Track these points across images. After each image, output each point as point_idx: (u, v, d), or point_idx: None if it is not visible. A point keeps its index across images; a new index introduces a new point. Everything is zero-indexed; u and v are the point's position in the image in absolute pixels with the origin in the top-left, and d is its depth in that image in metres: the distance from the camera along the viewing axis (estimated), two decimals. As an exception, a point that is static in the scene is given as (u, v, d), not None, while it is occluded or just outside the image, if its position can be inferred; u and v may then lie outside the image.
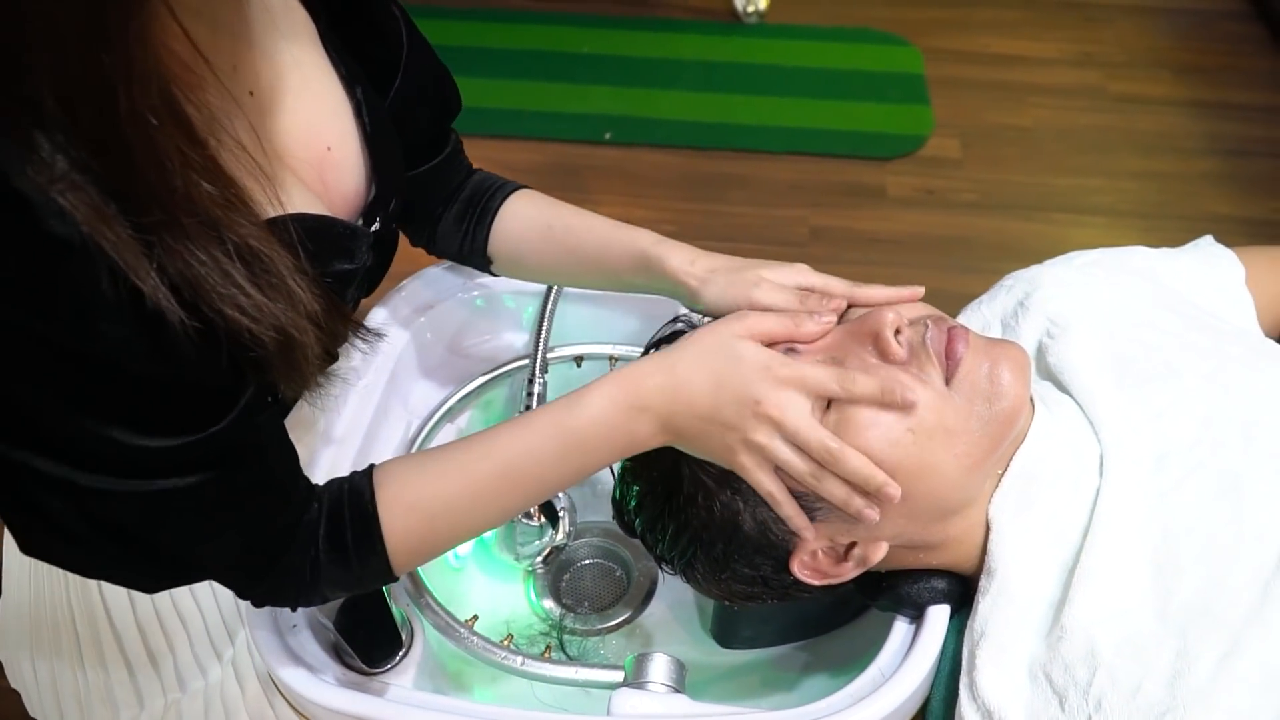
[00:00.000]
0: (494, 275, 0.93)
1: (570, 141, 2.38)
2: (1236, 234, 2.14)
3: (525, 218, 0.89)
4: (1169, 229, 2.19)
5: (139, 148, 0.48)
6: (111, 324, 0.51)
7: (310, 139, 0.70)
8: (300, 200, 0.66)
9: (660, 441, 0.71)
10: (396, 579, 0.70)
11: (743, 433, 0.68)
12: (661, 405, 0.68)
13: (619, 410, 0.68)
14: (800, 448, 0.68)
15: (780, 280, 0.77)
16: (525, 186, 0.91)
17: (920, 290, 0.78)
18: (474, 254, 0.90)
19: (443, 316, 1.00)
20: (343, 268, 0.70)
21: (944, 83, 2.54)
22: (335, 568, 0.67)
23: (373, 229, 0.75)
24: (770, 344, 0.71)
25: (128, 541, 0.60)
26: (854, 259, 2.11)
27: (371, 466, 0.69)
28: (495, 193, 0.89)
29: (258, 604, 0.69)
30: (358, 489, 0.67)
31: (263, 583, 0.66)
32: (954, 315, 0.92)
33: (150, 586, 0.70)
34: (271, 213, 0.60)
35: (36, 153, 0.47)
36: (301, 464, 0.86)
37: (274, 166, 0.66)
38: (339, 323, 0.65)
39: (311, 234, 0.62)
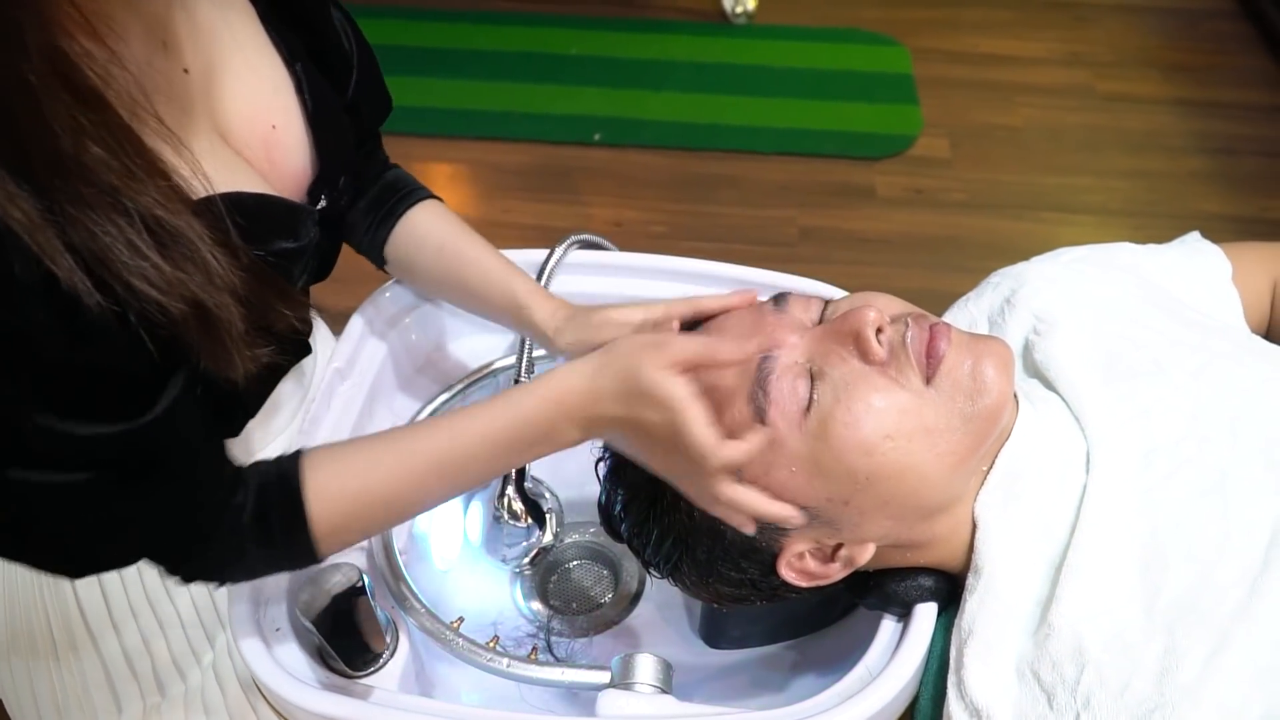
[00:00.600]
0: (388, 275, 0.94)
1: (559, 143, 2.38)
2: (1225, 232, 2.13)
3: (423, 231, 0.89)
4: (1158, 227, 2.18)
5: (21, 110, 0.48)
6: (27, 308, 0.51)
7: (255, 117, 0.70)
8: (244, 179, 0.67)
9: (586, 439, 0.73)
10: (321, 561, 0.71)
11: (650, 459, 0.72)
12: (581, 417, 0.70)
13: (547, 418, 0.69)
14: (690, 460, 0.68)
15: (622, 319, 0.80)
16: (435, 196, 0.92)
17: (754, 293, 0.78)
18: (372, 250, 0.90)
19: (426, 318, 1.00)
20: (285, 245, 0.70)
21: (933, 82, 2.54)
22: (261, 550, 0.68)
23: (319, 206, 0.76)
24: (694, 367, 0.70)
25: (47, 531, 0.60)
26: (843, 259, 2.12)
27: (299, 452, 0.69)
28: (405, 196, 0.90)
29: (185, 581, 0.69)
30: (285, 475, 0.68)
31: (188, 564, 0.67)
32: (941, 313, 0.92)
33: (73, 573, 0.71)
34: (201, 191, 0.59)
35: None
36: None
37: (216, 143, 0.66)
38: (273, 299, 0.65)
39: (248, 212, 0.63)
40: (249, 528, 0.66)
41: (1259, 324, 0.95)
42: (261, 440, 0.86)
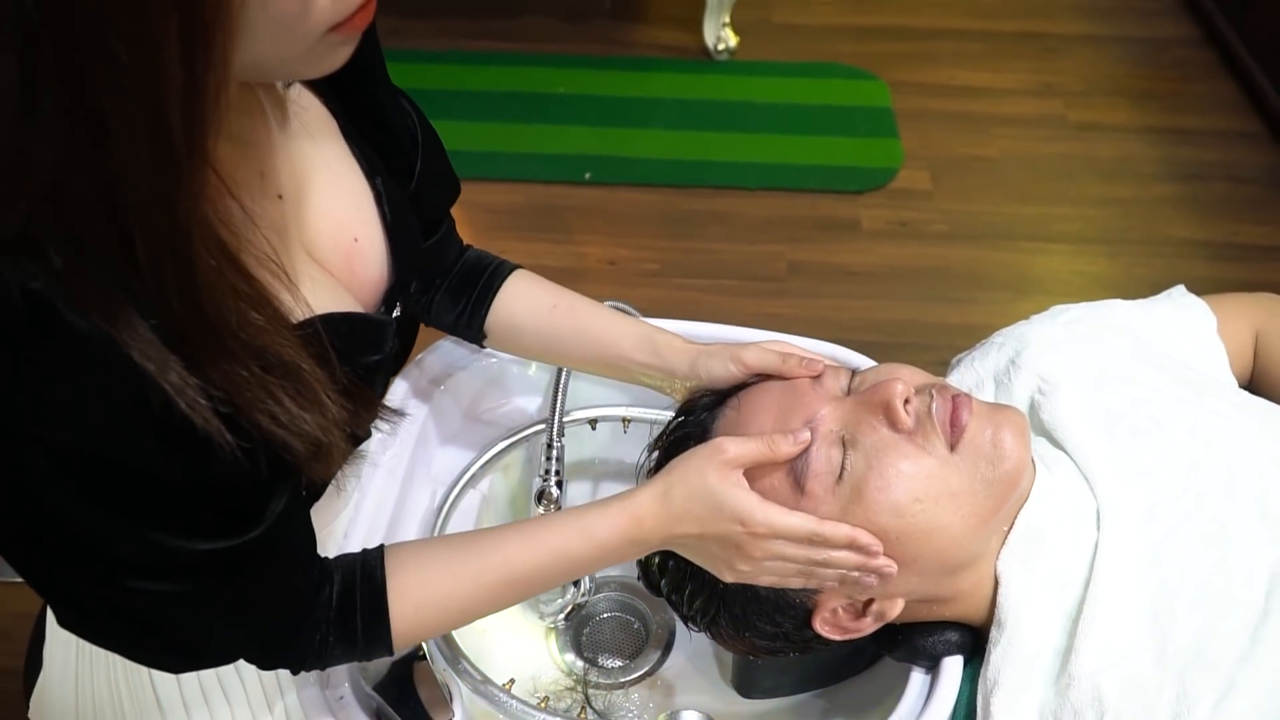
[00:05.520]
0: (483, 348, 0.99)
1: (550, 182, 2.43)
2: (1197, 257, 2.25)
3: (531, 297, 0.94)
4: (1132, 254, 2.28)
5: (204, 289, 0.52)
6: (158, 442, 0.55)
7: (338, 232, 0.73)
8: (327, 293, 0.70)
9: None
10: (393, 655, 0.76)
11: (730, 563, 0.77)
12: (658, 540, 0.77)
13: (621, 543, 0.76)
14: (796, 542, 0.76)
15: (765, 345, 0.88)
16: (520, 266, 0.96)
17: (821, 364, 0.85)
18: (470, 328, 0.95)
19: (459, 386, 1.05)
20: (372, 359, 0.74)
21: (911, 115, 2.62)
22: (340, 646, 0.72)
23: (395, 314, 0.80)
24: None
25: (158, 632, 0.65)
26: (832, 292, 2.18)
27: (383, 548, 0.74)
28: (495, 271, 0.95)
29: (265, 668, 0.74)
30: (370, 574, 0.73)
31: (273, 658, 0.72)
32: (937, 347, 0.97)
33: (173, 668, 0.75)
34: (300, 315, 0.62)
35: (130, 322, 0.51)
36: (335, 534, 0.91)
37: (303, 260, 0.70)
38: (363, 412, 0.69)
39: (341, 332, 0.66)
40: (333, 623, 0.70)
41: (1243, 372, 1.01)
42: (325, 520, 0.89)
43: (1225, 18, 2.76)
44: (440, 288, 0.93)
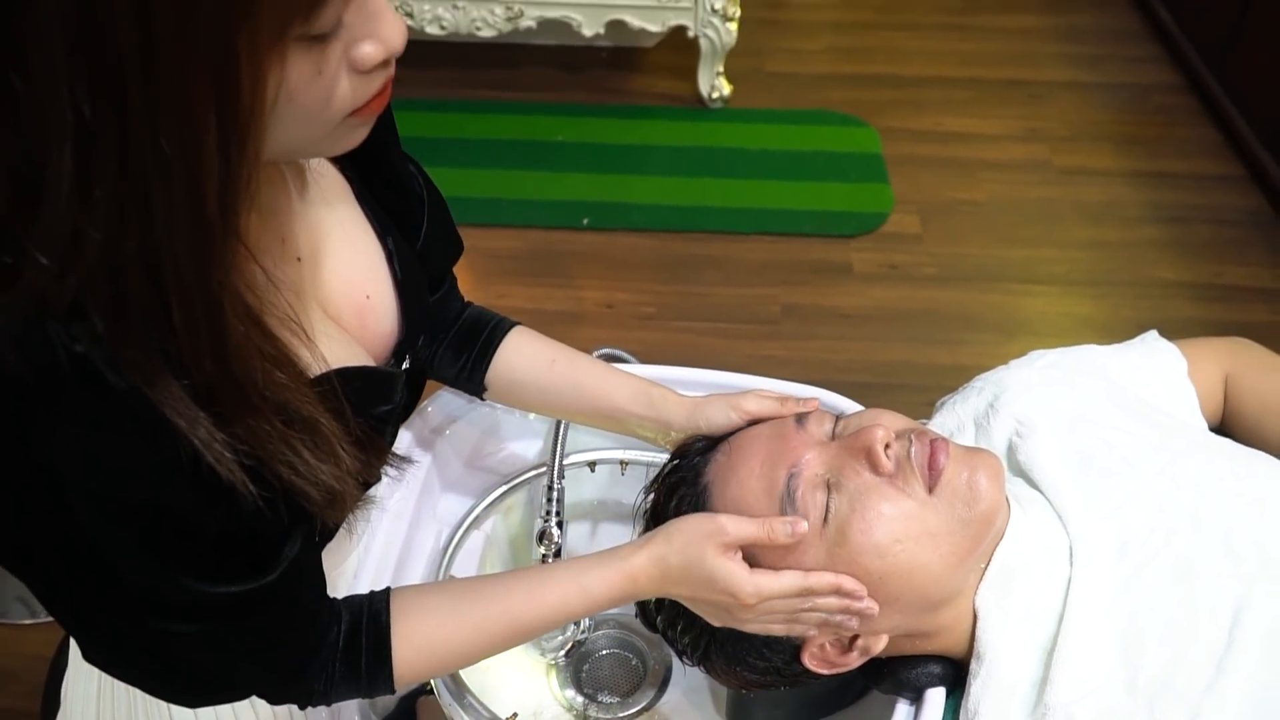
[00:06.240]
0: (484, 400, 1.03)
1: (550, 228, 2.48)
2: (1183, 298, 2.30)
3: (529, 352, 0.99)
4: (1119, 295, 2.33)
5: (234, 351, 0.57)
6: (184, 493, 0.59)
7: (352, 290, 0.78)
8: (342, 348, 0.75)
9: None
10: (395, 694, 0.81)
11: (719, 620, 0.83)
12: (653, 593, 0.83)
13: (617, 597, 0.82)
14: (788, 598, 0.80)
15: (760, 392, 0.93)
16: (519, 323, 1.01)
17: (817, 402, 0.91)
18: (471, 381, 0.99)
19: (461, 433, 1.09)
20: (383, 410, 0.79)
21: (901, 161, 2.68)
22: (345, 684, 0.77)
23: (404, 367, 0.84)
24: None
25: (177, 668, 0.69)
26: (825, 334, 2.23)
27: (389, 591, 0.79)
28: (495, 327, 0.99)
29: (275, 704, 0.78)
30: (376, 617, 0.77)
31: (283, 693, 0.76)
32: (928, 388, 1.01)
33: (191, 703, 0.80)
34: (317, 370, 0.67)
35: (168, 384, 0.55)
36: (345, 574, 0.95)
37: (319, 317, 0.75)
38: (374, 460, 0.74)
39: (354, 385, 0.71)
40: (339, 662, 0.75)
41: (1214, 414, 1.05)
42: (335, 562, 0.94)
43: (1206, 65, 2.83)
44: (442, 342, 0.98)
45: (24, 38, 0.46)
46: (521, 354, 0.98)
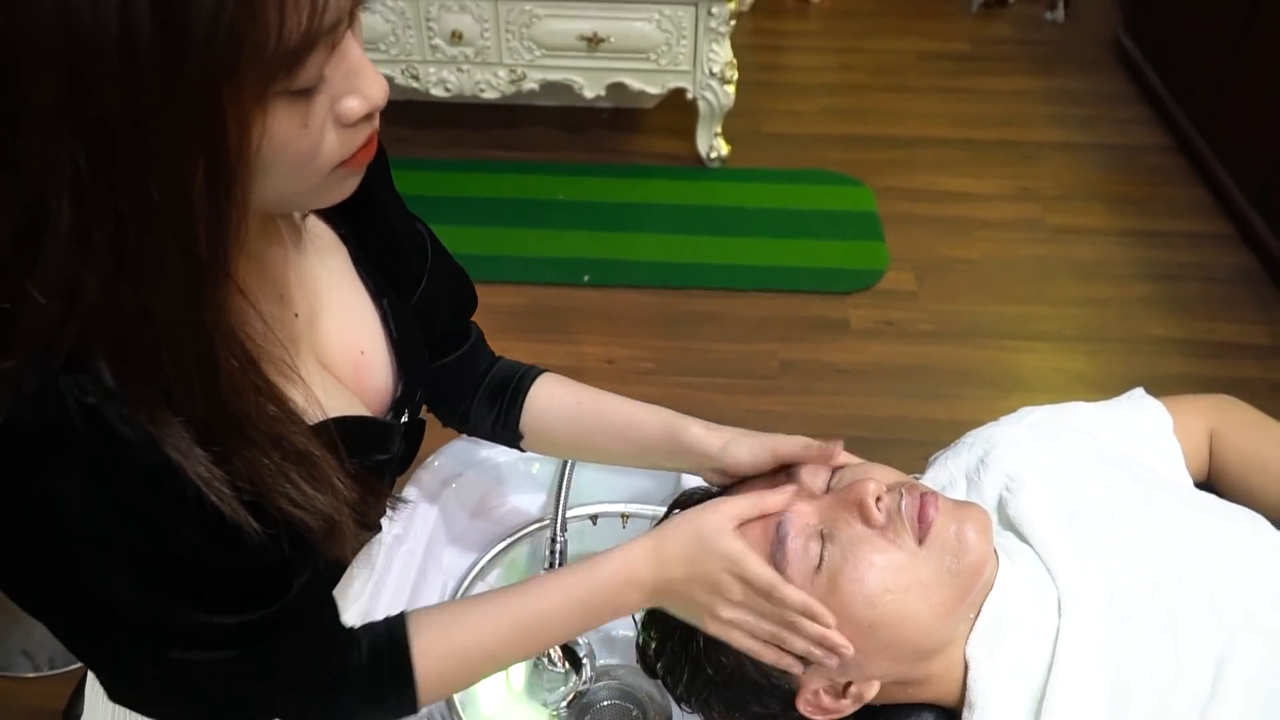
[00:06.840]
0: (522, 450, 1.05)
1: (551, 284, 2.53)
2: (1174, 354, 2.34)
3: (557, 397, 1.02)
4: (1110, 352, 2.37)
5: (227, 386, 0.60)
6: (192, 532, 0.62)
7: (346, 346, 0.82)
8: (338, 399, 0.78)
9: (651, 605, 0.87)
10: (418, 712, 0.82)
11: (712, 608, 0.84)
12: (650, 582, 0.85)
13: (619, 584, 0.84)
14: (758, 594, 0.82)
15: (778, 446, 0.94)
16: (547, 370, 1.04)
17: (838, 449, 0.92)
18: (506, 431, 1.02)
19: (468, 486, 1.12)
20: (379, 458, 0.82)
21: (896, 219, 2.73)
22: (369, 706, 0.79)
23: (402, 420, 0.88)
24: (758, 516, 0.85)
25: (200, 697, 0.72)
26: (823, 389, 2.26)
27: (404, 615, 0.81)
28: (523, 376, 1.02)
29: None
30: (395, 638, 0.80)
31: (311, 717, 0.78)
32: (924, 443, 1.04)
33: None
34: (315, 417, 0.70)
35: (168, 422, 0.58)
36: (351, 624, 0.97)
37: (316, 369, 0.78)
38: (371, 500, 0.77)
39: (349, 432, 0.74)
40: (363, 685, 0.77)
41: (1199, 470, 1.08)
42: (340, 607, 0.96)
43: (1195, 127, 2.89)
44: (475, 397, 1.01)
45: (18, 96, 0.49)
46: (551, 398, 1.01)
